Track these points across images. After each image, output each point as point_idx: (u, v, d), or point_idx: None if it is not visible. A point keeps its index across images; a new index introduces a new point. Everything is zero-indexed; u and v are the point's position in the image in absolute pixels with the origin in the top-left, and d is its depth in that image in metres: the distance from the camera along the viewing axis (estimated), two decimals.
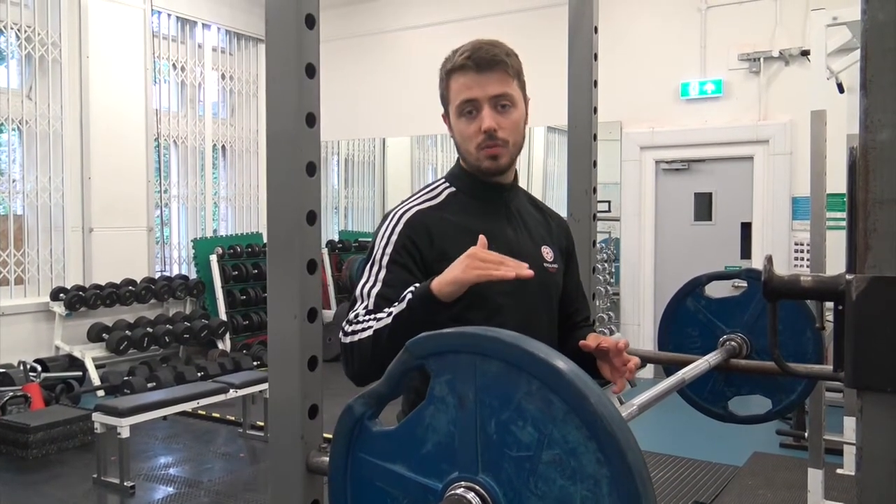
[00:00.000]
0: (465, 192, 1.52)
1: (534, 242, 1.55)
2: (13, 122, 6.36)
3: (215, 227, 8.36)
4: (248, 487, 4.30)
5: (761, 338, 1.86)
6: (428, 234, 1.42)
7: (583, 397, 0.70)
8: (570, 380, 0.71)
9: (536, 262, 1.48)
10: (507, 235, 1.49)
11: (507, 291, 1.40)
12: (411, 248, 1.40)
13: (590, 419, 0.70)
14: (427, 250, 1.41)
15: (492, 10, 7.53)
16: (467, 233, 1.38)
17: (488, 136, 1.44)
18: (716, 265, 5.98)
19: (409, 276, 1.37)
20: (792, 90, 6.16)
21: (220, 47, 8.29)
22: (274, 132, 1.12)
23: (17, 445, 4.62)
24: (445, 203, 1.50)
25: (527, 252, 1.49)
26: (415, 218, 1.44)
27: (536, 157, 10.13)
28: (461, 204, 1.50)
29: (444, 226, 1.44)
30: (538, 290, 1.50)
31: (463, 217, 1.47)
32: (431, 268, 1.38)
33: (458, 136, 1.49)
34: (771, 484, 4.23)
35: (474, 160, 1.48)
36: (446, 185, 1.54)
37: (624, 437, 0.69)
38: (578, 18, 2.01)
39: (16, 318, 6.28)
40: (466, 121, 1.46)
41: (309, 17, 1.10)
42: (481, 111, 1.44)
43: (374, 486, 0.89)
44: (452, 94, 1.47)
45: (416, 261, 1.40)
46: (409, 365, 0.83)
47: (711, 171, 6.69)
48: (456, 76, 1.46)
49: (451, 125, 1.51)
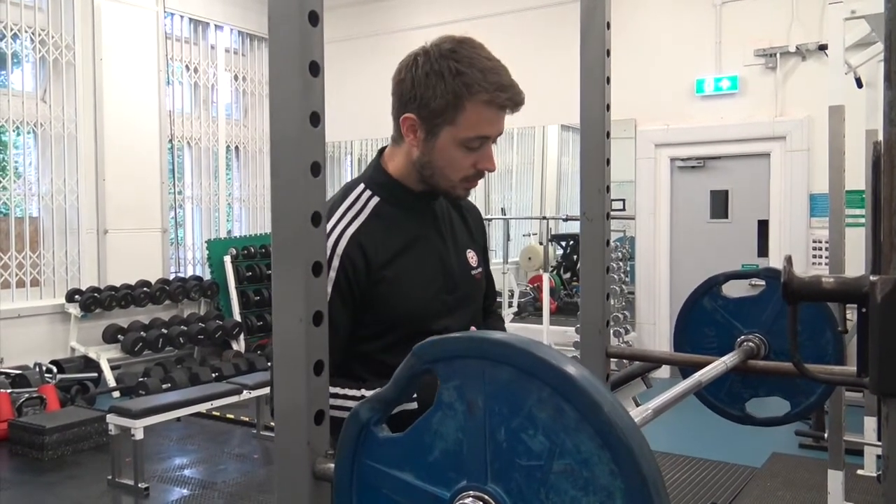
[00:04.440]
0: (390, 203, 1.42)
1: (459, 249, 1.52)
2: (28, 125, 6.40)
3: (229, 227, 8.38)
4: (262, 489, 4.30)
5: (779, 338, 1.82)
6: (364, 261, 1.35)
7: (596, 405, 0.67)
8: (584, 387, 0.68)
9: (465, 272, 1.50)
10: (437, 247, 1.46)
11: (443, 314, 1.43)
12: (349, 281, 1.35)
13: (603, 428, 0.67)
14: (364, 279, 1.35)
15: (504, 9, 7.51)
16: (403, 254, 1.39)
17: (479, 175, 1.40)
18: (732, 263, 5.93)
19: (346, 314, 1.35)
20: (809, 85, 6.09)
21: (233, 48, 8.31)
22: (278, 132, 1.10)
23: (33, 447, 4.64)
24: (373, 217, 1.40)
25: (456, 262, 1.49)
26: (349, 247, 1.35)
27: (550, 156, 10.09)
28: (389, 218, 1.41)
29: (378, 250, 1.37)
30: (470, 302, 1.52)
31: (396, 237, 1.40)
32: (367, 292, 1.35)
33: (443, 161, 1.37)
34: (790, 485, 4.17)
35: (446, 187, 1.41)
36: (369, 195, 1.42)
37: (639, 448, 0.66)
38: (590, 14, 1.97)
39: (31, 320, 6.32)
40: (465, 152, 1.36)
41: (312, 14, 1.07)
42: (485, 149, 1.37)
43: (381, 493, 0.87)
44: (465, 122, 1.33)
45: (354, 293, 1.35)
46: (417, 370, 0.80)
47: (727, 169, 6.62)
48: (480, 108, 1.32)
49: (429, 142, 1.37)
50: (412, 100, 1.35)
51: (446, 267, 1.46)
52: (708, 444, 4.71)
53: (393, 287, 1.37)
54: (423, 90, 1.33)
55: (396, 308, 1.38)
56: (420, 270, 1.42)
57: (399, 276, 1.38)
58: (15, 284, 6.36)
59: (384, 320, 1.38)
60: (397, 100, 1.39)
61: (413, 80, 1.34)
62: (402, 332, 1.36)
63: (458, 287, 1.48)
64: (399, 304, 1.38)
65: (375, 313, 1.37)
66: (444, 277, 1.45)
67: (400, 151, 1.43)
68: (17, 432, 4.76)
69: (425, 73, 1.33)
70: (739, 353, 1.79)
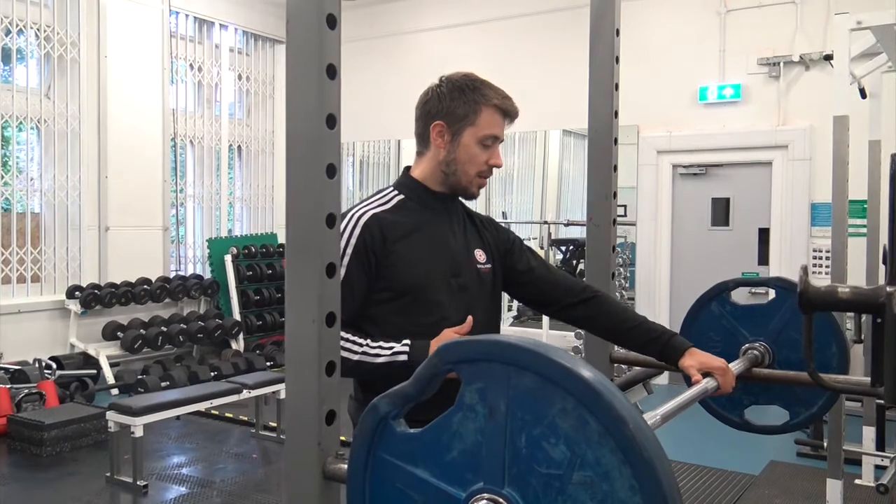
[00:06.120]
0: (413, 200, 1.71)
1: (468, 246, 1.75)
2: (32, 121, 6.40)
3: (230, 227, 8.38)
4: (260, 488, 4.30)
5: (785, 348, 1.83)
6: (381, 234, 1.61)
7: (621, 420, 0.68)
8: (609, 401, 0.68)
9: (470, 263, 1.73)
10: (447, 239, 1.71)
11: (446, 291, 1.66)
12: (367, 248, 1.60)
13: (626, 444, 0.67)
14: (380, 249, 1.61)
15: (507, 14, 7.52)
16: (415, 233, 1.66)
17: (491, 169, 1.71)
18: (733, 271, 5.93)
19: (362, 273, 1.60)
20: (812, 95, 6.10)
21: (237, 48, 8.31)
22: (294, 134, 1.10)
23: (32, 442, 4.64)
24: (396, 208, 1.69)
25: (463, 254, 1.73)
26: (370, 221, 1.62)
27: (551, 161, 10.09)
28: (409, 210, 1.69)
29: (395, 228, 1.64)
30: (473, 288, 1.72)
31: (411, 221, 1.67)
32: (382, 262, 1.61)
33: (465, 157, 1.68)
34: (788, 493, 4.17)
35: (465, 182, 1.71)
36: (396, 193, 1.72)
37: (661, 466, 0.66)
38: (600, 21, 1.98)
39: (32, 316, 6.31)
40: (481, 149, 1.68)
41: (330, 17, 1.08)
42: (495, 148, 1.71)
43: (395, 487, 0.87)
44: (483, 123, 1.67)
45: (370, 259, 1.60)
46: (439, 369, 0.81)
47: (729, 176, 6.63)
48: (493, 112, 1.68)
49: (454, 142, 1.68)
50: (440, 111, 1.69)
51: (452, 253, 1.70)
52: (706, 452, 4.71)
53: (402, 259, 1.62)
54: (449, 102, 1.68)
55: (405, 278, 1.62)
56: (429, 249, 1.67)
57: (409, 251, 1.63)
58: (15, 280, 6.35)
59: (394, 288, 1.62)
60: (424, 115, 1.72)
61: (439, 97, 1.69)
62: (409, 298, 1.63)
63: (461, 273, 1.70)
64: (408, 274, 1.62)
65: (388, 281, 1.62)
66: (449, 261, 1.69)
67: (424, 160, 1.74)
68: (16, 428, 4.75)
69: (449, 90, 1.69)
70: (744, 361, 1.80)
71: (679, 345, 1.67)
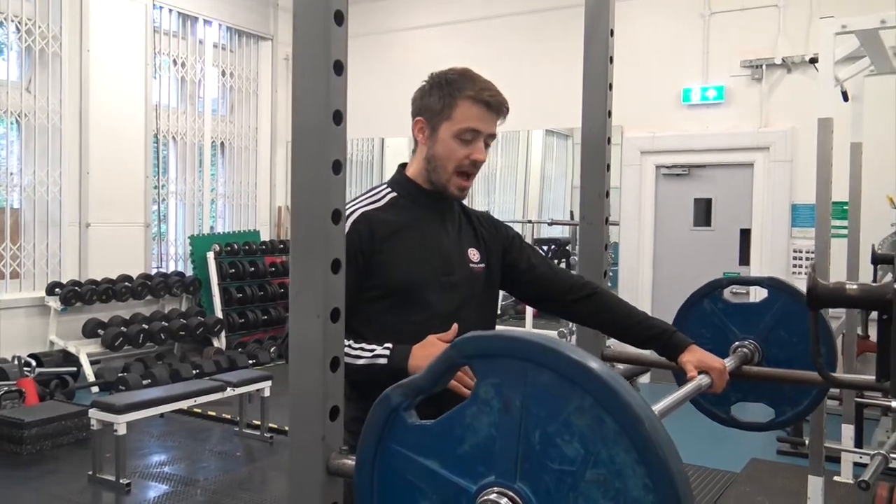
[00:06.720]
0: (405, 198, 1.69)
1: (461, 245, 1.73)
2: (12, 115, 6.32)
3: (213, 224, 8.32)
4: (244, 486, 4.28)
5: (774, 347, 1.86)
6: (370, 232, 1.60)
7: (637, 420, 0.68)
8: (626, 401, 0.69)
9: (463, 262, 1.71)
10: (440, 237, 1.69)
11: (437, 289, 1.64)
12: (355, 247, 1.55)
13: (642, 444, 0.68)
14: (368, 248, 1.59)
15: (492, 13, 7.54)
16: (406, 231, 1.63)
17: (472, 165, 1.65)
18: (714, 271, 5.98)
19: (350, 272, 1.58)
20: (794, 97, 6.18)
21: (221, 44, 8.25)
22: (300, 129, 1.10)
23: (12, 441, 4.58)
24: (388, 206, 1.67)
25: (455, 252, 1.70)
26: (359, 219, 1.60)
27: (534, 160, 10.13)
28: (401, 207, 1.67)
29: (385, 226, 1.62)
30: (465, 287, 1.69)
31: (403, 219, 1.65)
32: (371, 260, 1.59)
33: (443, 152, 1.64)
34: (768, 491, 4.23)
35: (444, 180, 1.66)
36: (389, 191, 1.71)
37: (676, 466, 0.67)
38: (595, 21, 2.00)
39: (10, 313, 6.24)
40: (460, 144, 1.63)
41: (338, 14, 1.08)
42: (477, 143, 1.63)
43: (404, 478, 0.87)
44: (458, 116, 1.62)
45: (358, 258, 1.56)
46: (454, 362, 0.81)
47: (711, 177, 6.70)
48: (470, 104, 1.61)
49: (433, 137, 1.65)
50: (421, 107, 1.67)
51: (443, 251, 1.68)
52: (687, 449, 4.71)
53: (392, 257, 1.61)
54: (427, 98, 1.66)
55: (395, 276, 1.60)
56: (420, 247, 1.65)
57: (399, 249, 1.62)
58: None
59: (384, 286, 1.60)
60: (412, 112, 1.70)
61: (421, 94, 1.68)
62: (400, 296, 1.61)
63: (453, 271, 1.68)
64: (398, 272, 1.61)
65: (378, 279, 1.60)
66: (440, 259, 1.66)
67: (416, 158, 1.72)
68: None
69: (429, 86, 1.67)
70: (735, 359, 1.83)
71: (681, 341, 1.70)
